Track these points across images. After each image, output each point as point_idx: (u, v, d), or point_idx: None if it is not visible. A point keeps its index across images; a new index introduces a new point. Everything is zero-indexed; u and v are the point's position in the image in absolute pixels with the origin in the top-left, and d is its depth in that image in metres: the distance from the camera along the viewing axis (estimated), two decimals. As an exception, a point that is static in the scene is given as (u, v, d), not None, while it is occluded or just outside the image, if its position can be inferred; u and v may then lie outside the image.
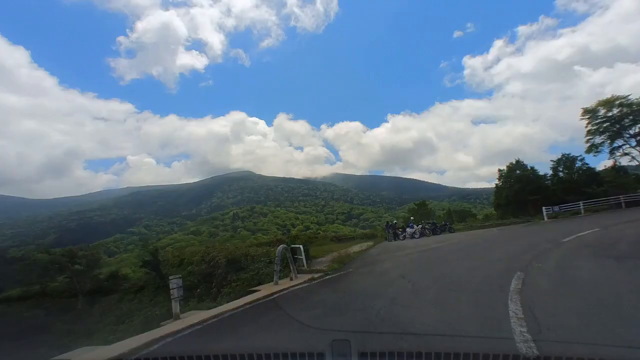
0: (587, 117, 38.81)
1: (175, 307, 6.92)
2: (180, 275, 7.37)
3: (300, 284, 9.47)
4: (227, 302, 9.58)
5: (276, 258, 10.03)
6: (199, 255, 16.96)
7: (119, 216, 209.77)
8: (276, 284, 9.59)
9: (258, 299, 7.80)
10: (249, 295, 8.48)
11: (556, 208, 21.91)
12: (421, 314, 5.95)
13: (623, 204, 22.21)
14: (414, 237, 26.98)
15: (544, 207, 22.02)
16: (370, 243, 27.59)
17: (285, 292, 8.64)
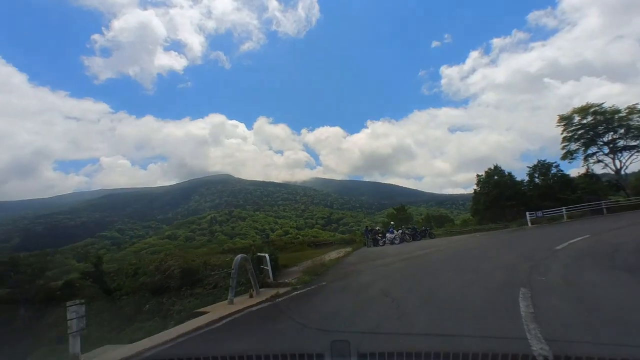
0: (562, 124, 38.93)
1: (74, 345, 4.90)
2: (83, 301, 5.32)
3: (261, 302, 7.68)
4: (176, 323, 7.71)
5: (232, 271, 8.18)
6: (155, 264, 14.77)
7: (91, 219, 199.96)
8: (231, 302, 7.75)
9: (200, 327, 5.97)
10: (191, 321, 6.61)
11: (539, 213, 21.09)
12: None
13: (604, 210, 21.66)
14: (394, 243, 25.64)
15: (527, 213, 21.14)
16: (349, 249, 26.02)
17: (238, 315, 6.83)
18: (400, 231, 26.94)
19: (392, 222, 29.31)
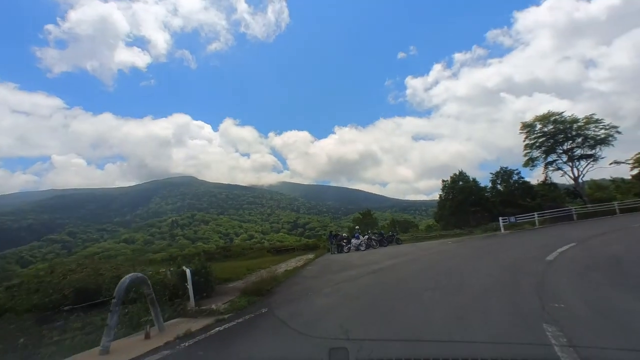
0: (525, 131, 38.96)
1: None
2: None
3: (154, 351, 4.87)
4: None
5: (113, 301, 5.26)
6: (58, 277, 11.31)
7: (38, 221, 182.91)
8: (105, 352, 4.86)
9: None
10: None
11: (512, 219, 19.78)
12: None
13: (574, 216, 20.81)
14: (360, 249, 23.42)
15: (500, 218, 19.73)
16: (311, 256, 23.43)
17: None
18: (366, 237, 24.79)
19: (357, 227, 27.07)
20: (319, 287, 9.05)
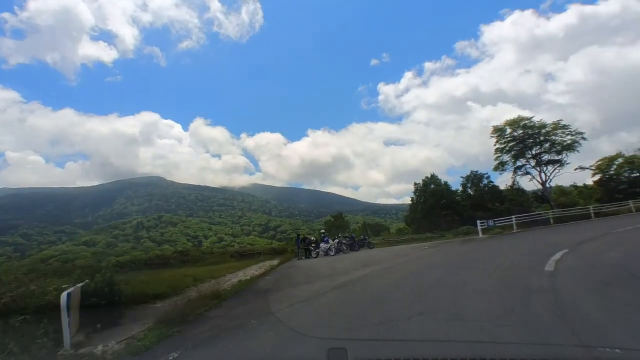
0: (496, 135, 38.63)
1: None
2: None
3: None
4: None
5: None
6: None
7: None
8: None
9: None
10: None
11: (491, 222, 18.47)
12: None
13: (551, 220, 19.86)
14: (329, 254, 21.38)
15: (478, 221, 18.34)
16: (275, 262, 21.08)
17: None
18: (336, 240, 22.78)
19: (322, 231, 24.90)
20: (265, 310, 6.76)
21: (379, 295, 7.16)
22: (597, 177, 40.36)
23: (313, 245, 22.54)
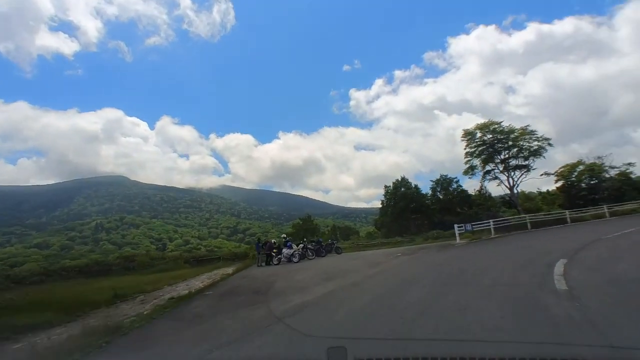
0: (466, 138, 37.96)
1: None
2: None
3: None
4: None
5: None
6: None
7: None
8: None
9: None
10: None
11: (469, 226, 16.84)
12: None
13: (528, 225, 18.65)
14: (292, 261, 18.94)
15: (456, 226, 16.61)
16: (230, 271, 18.35)
17: None
18: (301, 245, 20.37)
19: (283, 235, 22.36)
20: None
21: (341, 335, 4.82)
22: (560, 184, 40.75)
23: (275, 250, 20.00)
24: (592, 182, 38.53)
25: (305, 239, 21.79)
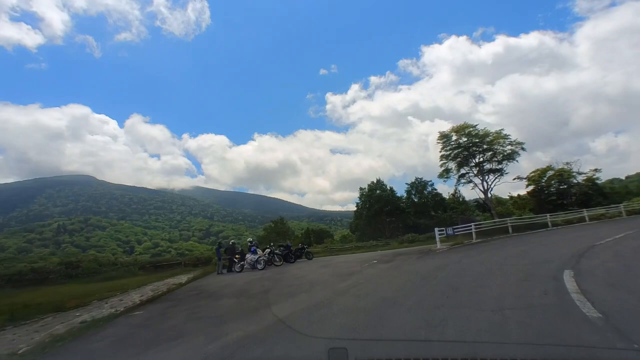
0: (442, 141, 37.14)
1: None
2: None
3: None
4: None
5: None
6: None
7: None
8: None
9: None
10: None
11: (450, 230, 15.33)
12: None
13: (510, 229, 17.47)
14: (257, 268, 16.77)
15: (437, 229, 14.99)
16: (184, 279, 15.97)
17: None
18: (267, 250, 18.22)
19: (249, 239, 20.12)
20: None
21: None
22: (530, 188, 40.85)
23: (237, 256, 17.71)
24: (561, 187, 38.80)
25: (272, 244, 19.64)
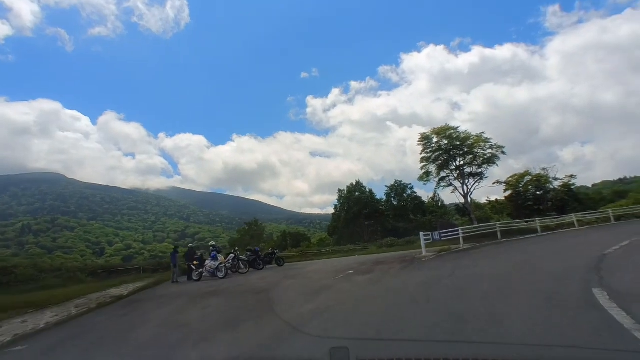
0: (422, 143, 35.82)
1: None
2: None
3: None
4: None
5: None
6: None
7: None
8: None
9: None
10: None
11: (437, 235, 13.43)
12: None
13: (499, 234, 15.86)
14: (217, 276, 14.38)
15: (422, 234, 12.95)
16: (126, 291, 13.38)
17: None
18: (232, 255, 15.84)
19: (212, 243, 17.61)
20: None
21: None
22: (508, 193, 40.25)
23: (195, 263, 15.22)
24: (537, 192, 38.34)
25: (236, 248, 17.27)
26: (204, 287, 11.39)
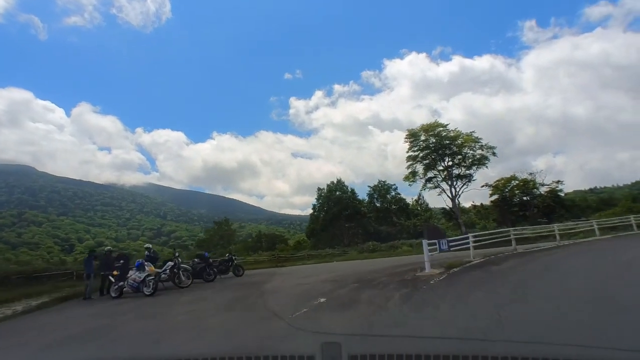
0: (409, 140, 32.64)
1: None
2: None
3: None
4: None
5: None
6: None
7: None
8: None
9: None
10: None
11: (444, 245, 9.59)
12: None
13: (513, 242, 12.35)
14: (143, 291, 10.22)
15: (425, 242, 8.89)
16: (28, 305, 9.01)
17: None
18: (170, 263, 11.69)
19: (147, 246, 13.08)
20: None
21: None
22: (494, 198, 37.68)
23: (115, 273, 10.93)
24: (525, 198, 35.94)
25: (176, 254, 13.01)
26: (105, 315, 7.23)
